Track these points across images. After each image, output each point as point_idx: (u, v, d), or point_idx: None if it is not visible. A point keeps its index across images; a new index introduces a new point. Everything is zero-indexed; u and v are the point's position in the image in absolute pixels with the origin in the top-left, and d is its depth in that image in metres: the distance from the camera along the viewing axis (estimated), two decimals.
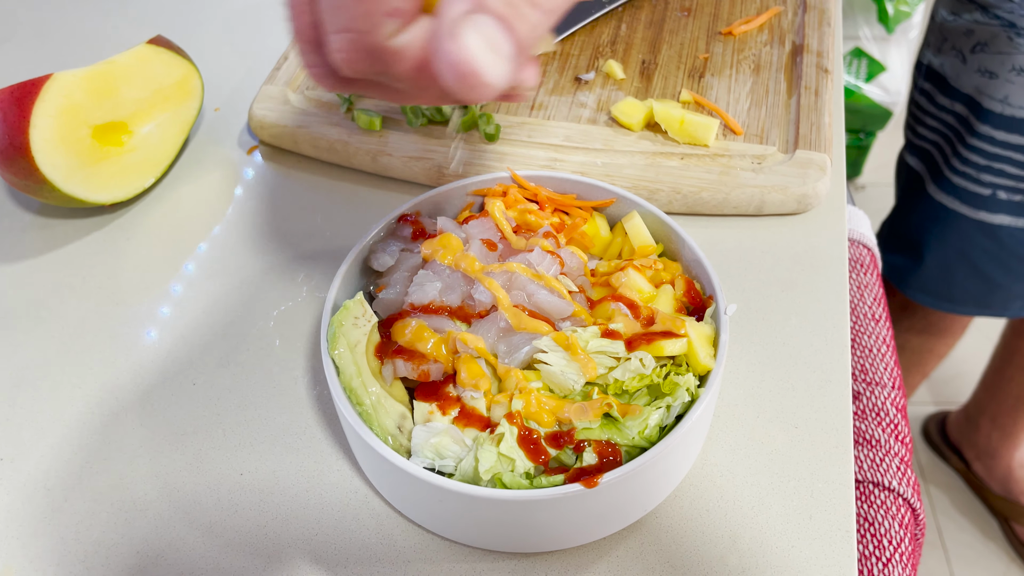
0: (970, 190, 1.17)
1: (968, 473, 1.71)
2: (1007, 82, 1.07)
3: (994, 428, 1.62)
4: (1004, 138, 1.10)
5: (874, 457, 0.74)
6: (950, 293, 1.28)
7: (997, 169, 1.13)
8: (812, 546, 0.52)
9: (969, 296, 1.27)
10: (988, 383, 1.60)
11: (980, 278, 1.24)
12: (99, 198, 0.68)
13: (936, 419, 1.79)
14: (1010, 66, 1.06)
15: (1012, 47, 1.05)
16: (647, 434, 0.48)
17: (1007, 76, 1.07)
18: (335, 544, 0.52)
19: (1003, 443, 1.63)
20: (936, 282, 1.28)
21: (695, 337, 0.50)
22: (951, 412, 1.76)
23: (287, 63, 0.80)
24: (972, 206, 1.18)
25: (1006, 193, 1.15)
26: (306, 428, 0.58)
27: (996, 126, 1.11)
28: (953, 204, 1.20)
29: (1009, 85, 1.07)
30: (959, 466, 1.72)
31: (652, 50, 0.81)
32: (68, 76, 0.67)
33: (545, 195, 0.60)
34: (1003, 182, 1.14)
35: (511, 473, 0.47)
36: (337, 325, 0.52)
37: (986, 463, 1.67)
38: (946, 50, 1.15)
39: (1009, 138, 1.10)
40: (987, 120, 1.11)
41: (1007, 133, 1.10)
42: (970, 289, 1.26)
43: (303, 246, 0.69)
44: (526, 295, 0.53)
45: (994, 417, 1.61)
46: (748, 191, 0.68)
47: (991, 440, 1.64)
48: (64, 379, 0.61)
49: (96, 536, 0.53)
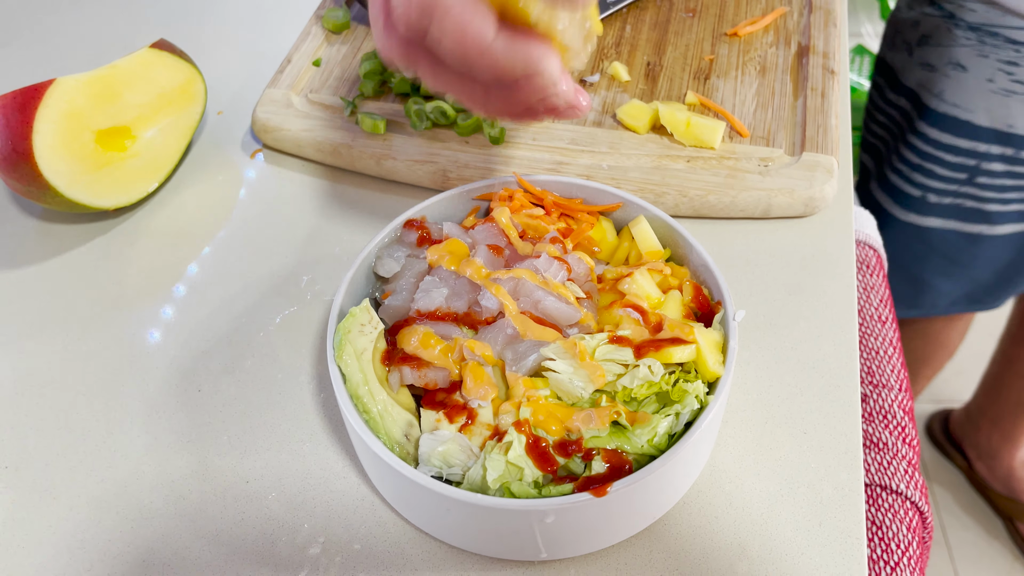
0: (903, 190, 1.15)
1: (971, 472, 1.71)
2: (944, 76, 1.04)
3: (995, 430, 1.61)
4: (937, 136, 1.08)
5: (881, 460, 0.74)
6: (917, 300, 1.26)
7: (928, 169, 1.10)
8: (822, 553, 0.51)
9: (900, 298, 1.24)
10: (987, 387, 1.60)
11: (911, 281, 1.22)
12: (102, 203, 0.68)
13: (940, 417, 1.79)
14: (947, 59, 1.03)
15: (950, 39, 1.02)
16: (656, 442, 0.47)
17: (944, 70, 1.04)
18: (342, 552, 0.52)
19: (1004, 444, 1.62)
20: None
21: (704, 343, 0.50)
22: (954, 410, 1.76)
23: (290, 66, 0.80)
24: (903, 207, 1.16)
25: (935, 196, 1.11)
26: (312, 435, 0.58)
27: (931, 123, 1.08)
28: (887, 204, 1.18)
29: (945, 80, 1.04)
30: (962, 464, 1.72)
31: (657, 52, 0.81)
32: (71, 81, 0.66)
33: (551, 200, 0.60)
34: (933, 184, 1.11)
35: (519, 482, 0.47)
36: (344, 332, 0.51)
37: (988, 463, 1.66)
38: (897, 44, 1.12)
39: (941, 137, 1.07)
40: (925, 117, 1.08)
41: (939, 131, 1.07)
42: (902, 292, 1.23)
43: (307, 250, 0.69)
44: (533, 301, 0.52)
45: (994, 419, 1.60)
46: (755, 194, 0.67)
47: (992, 441, 1.64)
48: (68, 386, 0.61)
49: (101, 545, 0.53)
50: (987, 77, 1.01)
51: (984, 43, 0.99)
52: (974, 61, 1.01)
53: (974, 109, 1.03)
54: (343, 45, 0.82)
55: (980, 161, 1.06)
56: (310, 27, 0.84)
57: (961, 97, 1.04)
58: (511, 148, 0.72)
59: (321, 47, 0.82)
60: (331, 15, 0.84)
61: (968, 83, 1.02)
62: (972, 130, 1.05)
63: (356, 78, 0.79)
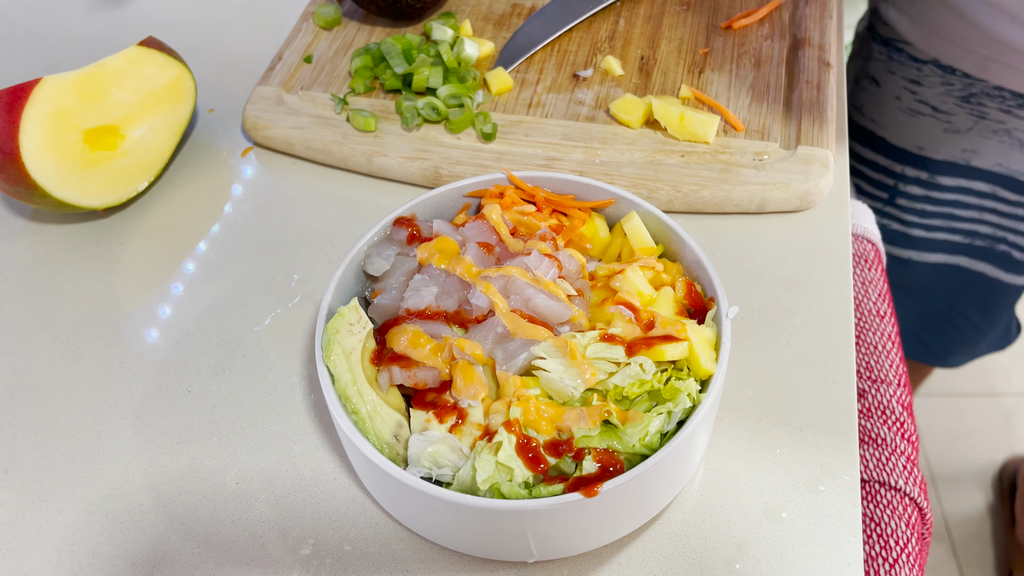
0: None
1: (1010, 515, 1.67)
2: (862, 90, 1.02)
3: None
4: (859, 151, 1.05)
5: (880, 456, 0.73)
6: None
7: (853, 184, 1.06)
8: (818, 552, 0.51)
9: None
10: None
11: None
12: (92, 203, 0.68)
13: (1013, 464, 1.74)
14: (865, 72, 1.01)
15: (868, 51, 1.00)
16: (648, 441, 0.47)
17: (863, 83, 1.02)
18: (333, 554, 0.52)
19: None
20: None
21: (696, 341, 0.49)
22: None
23: (281, 63, 0.79)
24: None
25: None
26: (302, 436, 0.57)
27: (853, 135, 1.05)
28: None
29: (863, 93, 1.02)
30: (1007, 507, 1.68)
31: (651, 45, 0.80)
32: (58, 80, 0.66)
33: (543, 196, 0.59)
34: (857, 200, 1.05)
35: (509, 483, 0.46)
36: (332, 332, 0.51)
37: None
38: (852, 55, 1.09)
39: (863, 151, 1.05)
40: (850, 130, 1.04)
41: (860, 145, 1.04)
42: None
43: (298, 249, 0.68)
44: (524, 299, 0.52)
45: None
46: (750, 188, 0.67)
47: None
48: (57, 387, 0.61)
49: (90, 548, 0.53)
50: (895, 94, 0.98)
51: (892, 59, 0.97)
52: (885, 76, 0.99)
53: (887, 126, 1.01)
54: (334, 41, 0.82)
55: (898, 182, 1.03)
56: (301, 23, 0.84)
57: (876, 112, 1.01)
58: (503, 144, 0.71)
59: (312, 44, 0.82)
60: (322, 11, 0.83)
61: (881, 98, 1.00)
62: (886, 147, 1.02)
63: (347, 75, 0.78)
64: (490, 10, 0.85)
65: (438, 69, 0.74)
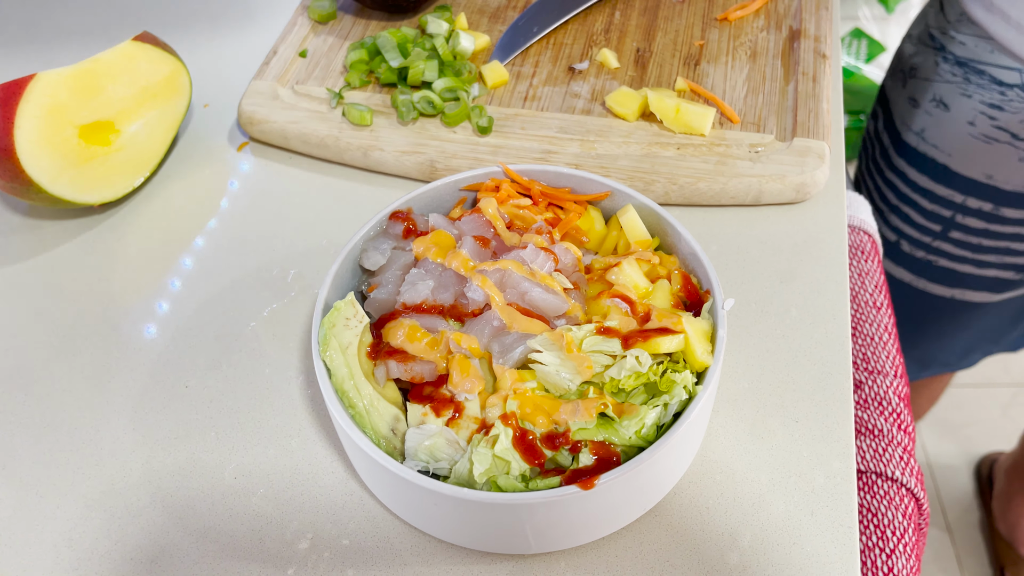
0: (880, 232, 1.05)
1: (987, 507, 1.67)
2: (926, 114, 0.95)
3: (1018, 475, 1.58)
4: (915, 178, 0.98)
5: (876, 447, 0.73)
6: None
7: (904, 213, 1.01)
8: (813, 543, 0.51)
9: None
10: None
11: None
12: (87, 199, 0.68)
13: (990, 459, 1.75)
14: (931, 95, 0.94)
15: (936, 73, 0.93)
16: (644, 433, 0.47)
17: (926, 107, 0.95)
18: (331, 548, 0.52)
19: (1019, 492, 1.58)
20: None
21: (692, 333, 0.49)
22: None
23: (276, 57, 0.79)
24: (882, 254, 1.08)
25: (909, 245, 1.02)
26: (300, 430, 0.57)
27: (910, 162, 0.99)
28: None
29: (927, 117, 0.95)
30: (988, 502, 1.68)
31: (647, 37, 0.80)
32: (52, 75, 0.65)
33: (538, 189, 0.59)
34: (908, 231, 1.01)
35: (506, 475, 0.46)
36: (328, 327, 0.51)
37: (1003, 504, 1.63)
38: (896, 73, 1.03)
39: (919, 179, 0.98)
40: (904, 154, 0.99)
41: (917, 172, 0.98)
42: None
43: (294, 244, 0.68)
44: (520, 293, 0.52)
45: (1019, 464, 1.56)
46: (746, 180, 0.67)
47: (1013, 484, 1.60)
48: (55, 383, 0.61)
49: (88, 544, 0.53)
50: (968, 119, 0.91)
51: (969, 81, 0.90)
52: (957, 100, 0.92)
53: (952, 153, 0.94)
54: (329, 35, 0.82)
55: (956, 213, 0.97)
56: (296, 17, 0.83)
57: (940, 138, 0.95)
58: (499, 137, 0.71)
59: (307, 38, 0.81)
60: (317, 5, 0.83)
61: (949, 124, 0.93)
62: (949, 176, 0.96)
63: (343, 68, 0.78)
64: (485, 3, 0.85)
65: (433, 63, 0.74)
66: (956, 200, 0.96)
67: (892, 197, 1.03)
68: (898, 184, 1.01)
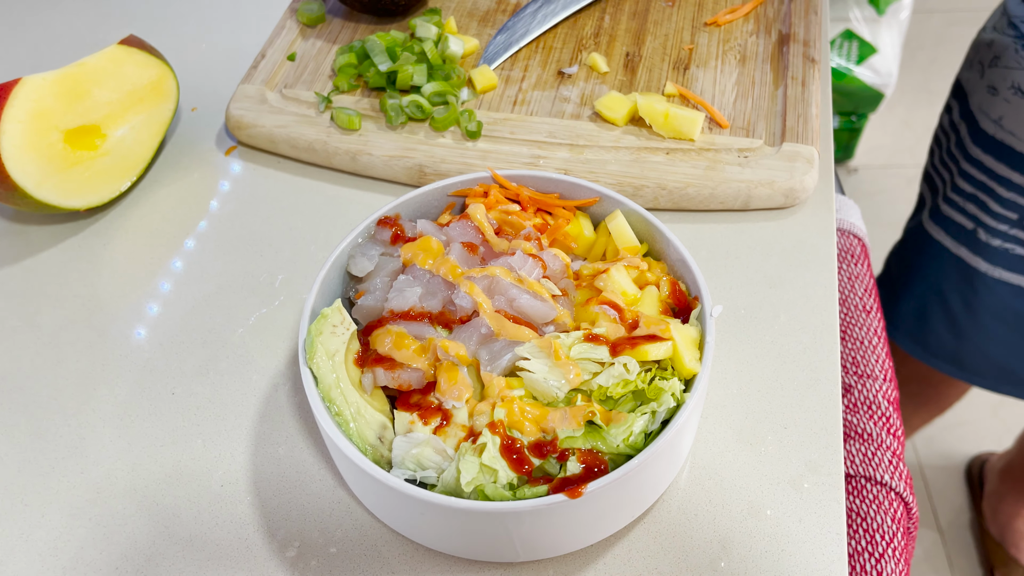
0: (955, 220, 1.06)
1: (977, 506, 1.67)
2: (1004, 101, 0.95)
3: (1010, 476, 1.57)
4: (992, 165, 0.98)
5: (866, 451, 0.73)
6: (924, 337, 1.17)
7: (981, 200, 1.01)
8: (802, 549, 0.51)
9: (943, 346, 1.15)
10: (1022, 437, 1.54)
11: (951, 324, 1.12)
12: (73, 203, 0.67)
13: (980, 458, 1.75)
14: (1010, 83, 0.94)
15: (1015, 61, 0.93)
16: (632, 441, 0.47)
17: (1005, 94, 0.95)
18: (319, 555, 0.52)
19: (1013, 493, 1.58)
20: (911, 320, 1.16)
21: (680, 340, 0.49)
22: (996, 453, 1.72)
23: (264, 61, 0.79)
24: (955, 239, 1.06)
25: (986, 234, 1.02)
26: (287, 438, 0.57)
27: (986, 150, 0.99)
28: (938, 235, 1.09)
29: (1005, 105, 0.95)
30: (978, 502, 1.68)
31: (636, 42, 0.80)
32: (38, 80, 0.65)
33: (527, 195, 0.59)
34: (985, 219, 1.01)
35: (493, 484, 0.46)
36: (315, 334, 0.51)
37: (993, 504, 1.63)
38: (973, 64, 1.03)
39: (996, 167, 0.98)
40: (979, 142, 1.00)
41: (995, 160, 0.98)
42: (943, 336, 1.14)
43: (282, 249, 0.68)
44: (508, 299, 0.52)
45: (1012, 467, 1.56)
46: (735, 186, 0.66)
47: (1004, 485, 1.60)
48: (40, 390, 0.60)
49: (73, 552, 0.52)
50: None
51: None
52: None
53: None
54: (318, 39, 0.81)
55: None
56: (284, 21, 0.83)
57: (1018, 125, 0.94)
58: (488, 142, 0.71)
59: (296, 41, 0.81)
60: (306, 8, 0.82)
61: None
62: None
63: (331, 72, 0.78)
64: (475, 7, 0.85)
65: (422, 66, 0.74)
66: None
67: (967, 186, 1.03)
68: (974, 172, 1.02)
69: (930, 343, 1.17)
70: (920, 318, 1.16)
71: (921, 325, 1.16)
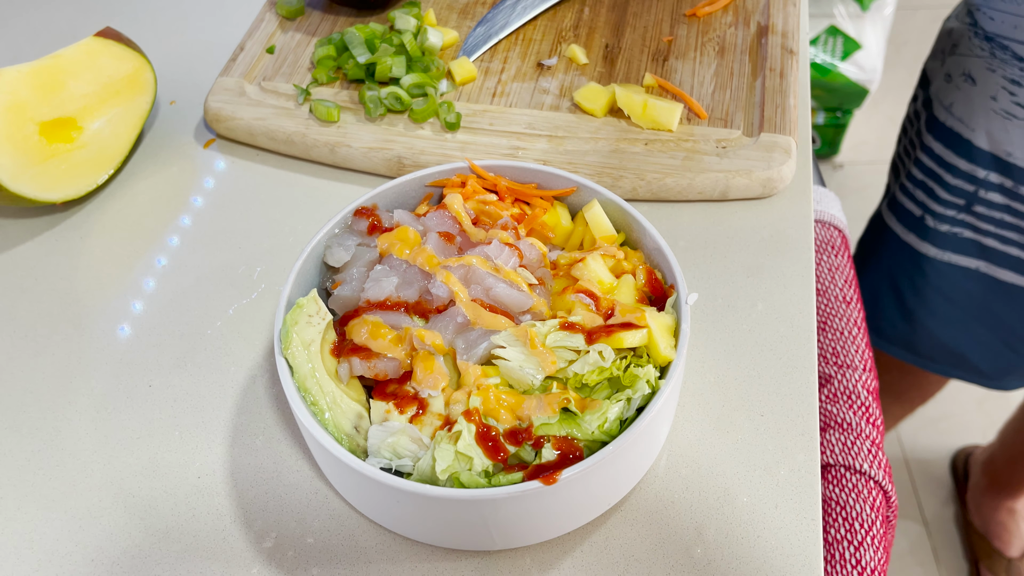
0: (905, 207, 1.07)
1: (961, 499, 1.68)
2: (956, 88, 0.97)
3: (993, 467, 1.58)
4: (940, 152, 1.00)
5: (845, 440, 0.74)
6: (878, 324, 1.18)
7: (928, 187, 1.03)
8: (777, 535, 0.51)
9: (896, 332, 1.16)
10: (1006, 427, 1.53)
11: (903, 310, 1.13)
12: (49, 196, 0.67)
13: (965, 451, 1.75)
14: (962, 70, 0.96)
15: (968, 48, 0.95)
16: (607, 428, 0.47)
17: (957, 81, 0.97)
18: (295, 546, 0.51)
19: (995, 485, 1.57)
20: (866, 308, 1.12)
21: (655, 328, 0.49)
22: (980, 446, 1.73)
23: (243, 53, 0.78)
24: (904, 226, 1.08)
25: (933, 220, 1.04)
26: (264, 429, 0.57)
27: (936, 136, 1.01)
28: (891, 222, 1.11)
29: (956, 91, 0.97)
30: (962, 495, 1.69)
31: (616, 33, 0.80)
32: (12, 72, 0.65)
33: (504, 185, 0.59)
34: (933, 205, 1.03)
35: (469, 472, 0.46)
36: (290, 324, 0.50)
37: (977, 497, 1.63)
38: (936, 52, 1.05)
39: (944, 153, 1.00)
40: (932, 129, 1.01)
41: (943, 147, 1.00)
42: (895, 322, 1.15)
43: (260, 241, 0.68)
44: (484, 288, 0.52)
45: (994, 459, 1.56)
46: (713, 176, 0.67)
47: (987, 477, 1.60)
48: (15, 383, 0.60)
49: (49, 545, 0.52)
50: (991, 94, 0.93)
51: (995, 56, 0.92)
52: (983, 74, 0.94)
53: (975, 128, 0.96)
54: (297, 31, 0.81)
55: (978, 188, 0.99)
56: (263, 13, 0.83)
57: (966, 112, 0.97)
58: (467, 134, 0.71)
59: (275, 34, 0.81)
60: (285, 1, 0.82)
61: (974, 98, 0.95)
62: (970, 150, 0.97)
63: (310, 65, 0.77)
64: None
65: (401, 58, 0.74)
66: (978, 175, 0.98)
67: (918, 172, 1.04)
68: (924, 159, 1.03)
69: (884, 329, 1.18)
70: (873, 305, 1.16)
71: (875, 312, 1.17)
